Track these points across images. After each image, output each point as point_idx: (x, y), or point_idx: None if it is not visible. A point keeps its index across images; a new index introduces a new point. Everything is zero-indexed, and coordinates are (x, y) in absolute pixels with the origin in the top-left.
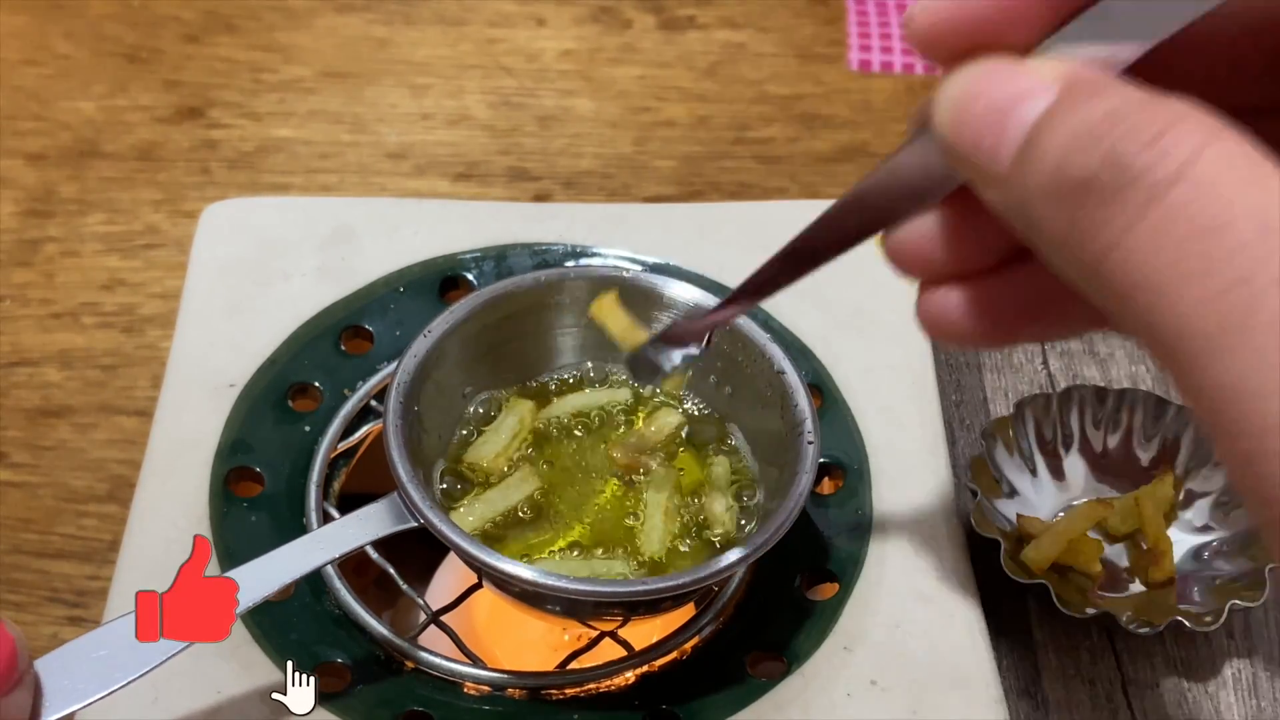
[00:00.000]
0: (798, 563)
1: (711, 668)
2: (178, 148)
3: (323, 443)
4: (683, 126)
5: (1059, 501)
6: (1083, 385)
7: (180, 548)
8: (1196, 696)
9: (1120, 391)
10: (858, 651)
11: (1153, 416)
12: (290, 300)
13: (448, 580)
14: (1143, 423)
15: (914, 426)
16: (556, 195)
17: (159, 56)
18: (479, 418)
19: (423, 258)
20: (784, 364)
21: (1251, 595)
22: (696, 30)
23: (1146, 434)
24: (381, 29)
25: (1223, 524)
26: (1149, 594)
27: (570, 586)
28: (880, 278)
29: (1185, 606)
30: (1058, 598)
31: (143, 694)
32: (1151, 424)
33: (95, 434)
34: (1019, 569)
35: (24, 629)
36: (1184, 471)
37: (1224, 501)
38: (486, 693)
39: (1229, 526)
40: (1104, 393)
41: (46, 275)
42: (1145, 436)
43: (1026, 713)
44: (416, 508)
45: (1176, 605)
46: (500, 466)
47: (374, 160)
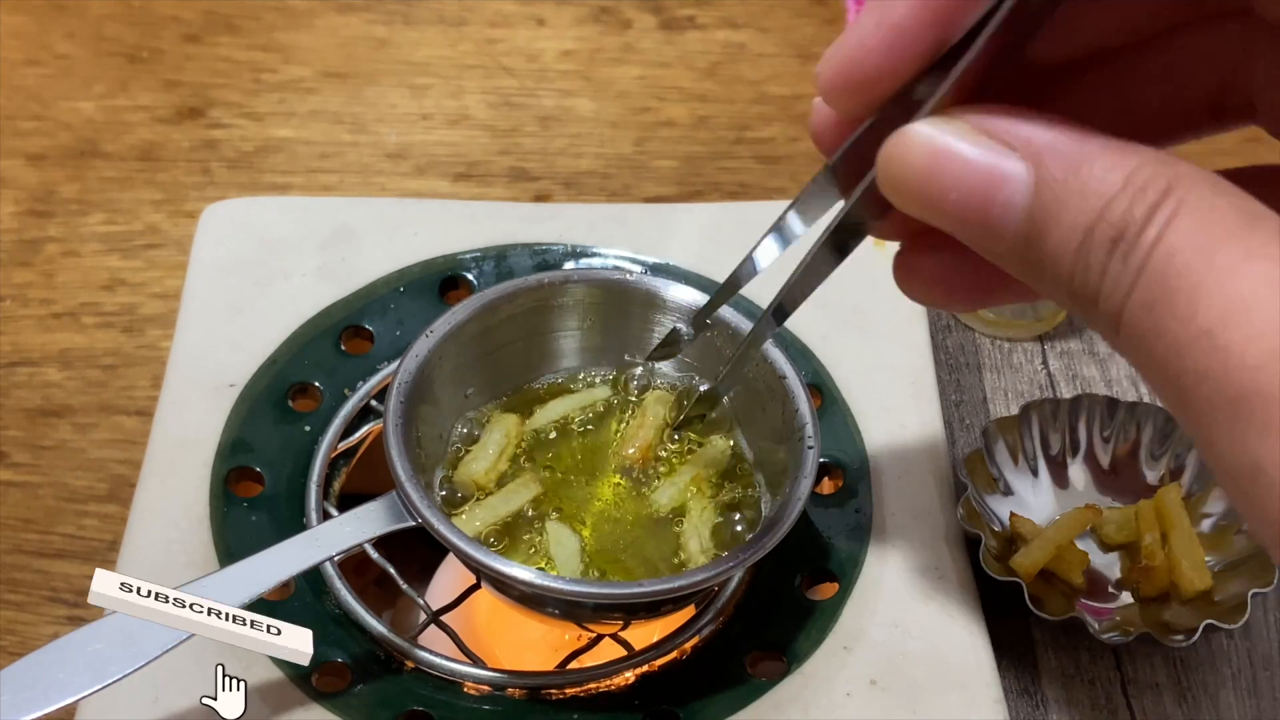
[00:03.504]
0: (798, 563)
1: (711, 668)
2: (178, 148)
3: (323, 443)
4: (683, 127)
5: (1057, 506)
6: (1094, 395)
7: (180, 548)
8: (1196, 696)
9: (1131, 405)
10: (858, 651)
11: (1161, 434)
12: (290, 300)
13: (448, 580)
14: (1151, 439)
15: (914, 426)
16: (556, 195)
17: (159, 56)
18: (465, 437)
19: (423, 258)
20: (785, 368)
21: (1232, 617)
22: (696, 30)
23: (1154, 451)
24: (381, 29)
25: (1219, 547)
26: (1137, 607)
27: (568, 589)
28: (880, 278)
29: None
30: (1032, 599)
31: (143, 693)
32: (1160, 441)
33: (95, 434)
34: (1000, 567)
35: (24, 629)
36: (1188, 493)
37: (1224, 525)
38: (486, 692)
39: (1226, 550)
40: (1115, 405)
41: (47, 275)
42: (1152, 454)
43: (1026, 713)
44: (415, 507)
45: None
46: (491, 482)
47: (374, 160)
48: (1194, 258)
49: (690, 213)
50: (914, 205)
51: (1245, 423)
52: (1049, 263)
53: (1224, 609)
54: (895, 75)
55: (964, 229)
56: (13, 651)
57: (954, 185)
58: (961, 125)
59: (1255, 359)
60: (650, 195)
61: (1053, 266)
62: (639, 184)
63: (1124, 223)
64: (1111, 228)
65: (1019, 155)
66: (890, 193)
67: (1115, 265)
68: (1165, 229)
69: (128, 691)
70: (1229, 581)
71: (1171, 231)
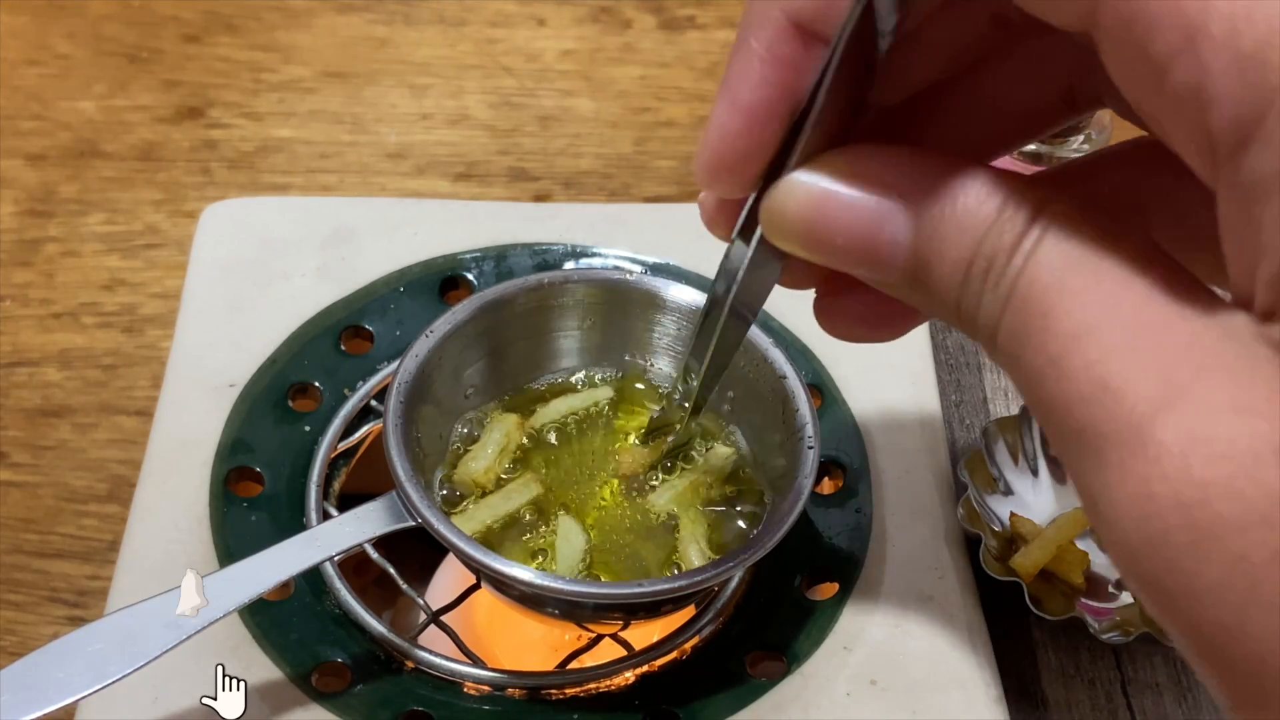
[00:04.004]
0: (798, 563)
1: (711, 668)
2: (178, 148)
3: (323, 443)
4: (683, 126)
5: (1057, 506)
6: None
7: (180, 548)
8: (1196, 696)
9: None
10: (858, 651)
11: None
12: (290, 300)
13: (448, 580)
14: None
15: (914, 426)
16: (556, 195)
17: (159, 56)
18: (465, 437)
19: (423, 258)
20: (786, 369)
21: None
22: (696, 30)
23: None
24: (381, 29)
25: None
26: (1137, 607)
27: (568, 589)
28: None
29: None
30: (1033, 599)
31: (142, 693)
32: None
33: (95, 434)
34: (1000, 567)
35: (24, 629)
36: None
37: None
38: (486, 693)
39: None
40: None
41: (46, 275)
42: None
43: (1026, 713)
44: (415, 507)
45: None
46: (490, 481)
47: (374, 160)
48: (1050, 284)
49: (690, 213)
50: (801, 249)
51: (1082, 456)
52: (935, 292)
53: None
54: (762, 148)
55: (854, 267)
56: (13, 651)
57: (839, 229)
58: (837, 166)
59: (1088, 391)
60: (650, 195)
61: (939, 295)
62: (639, 184)
63: (994, 251)
64: (984, 259)
65: (895, 195)
66: (778, 240)
67: (988, 294)
68: (1029, 258)
69: (128, 691)
70: None
71: (1034, 259)
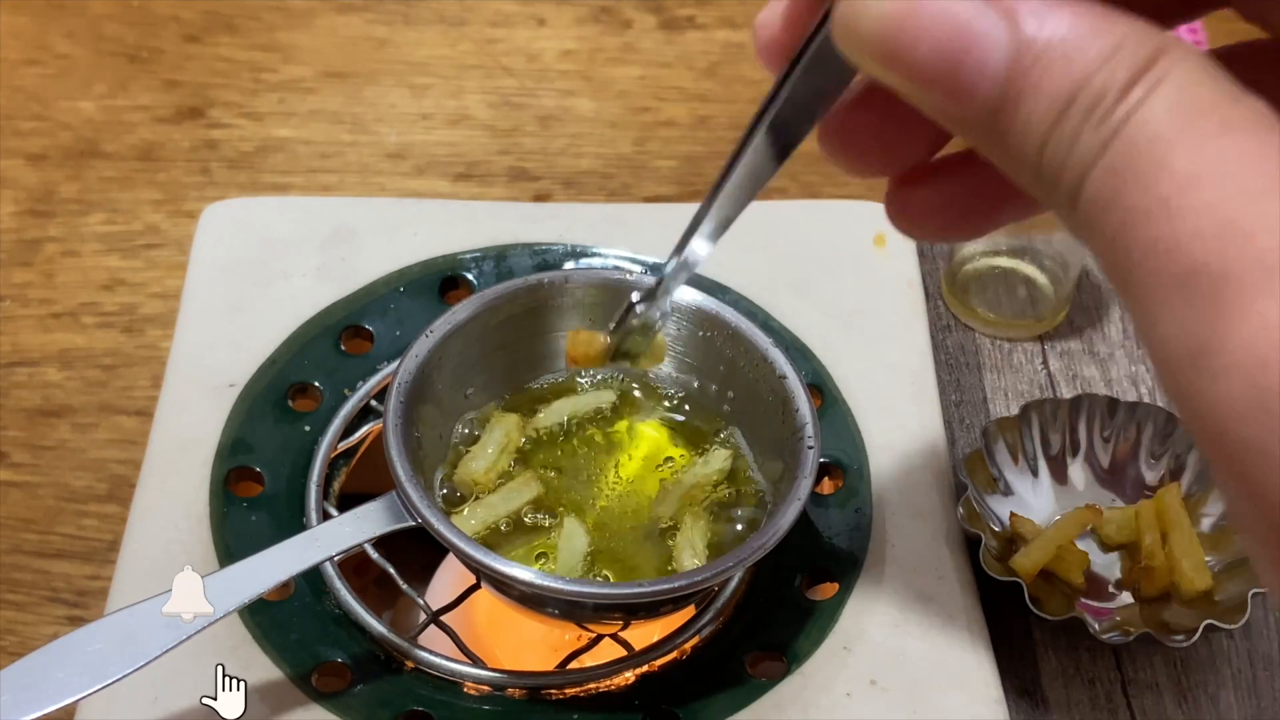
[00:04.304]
0: (798, 563)
1: (711, 668)
2: (178, 148)
3: (323, 443)
4: (683, 126)
5: (1057, 506)
6: (1094, 395)
7: (180, 548)
8: (1196, 696)
9: (1131, 405)
10: (858, 651)
11: (1161, 434)
12: (290, 300)
13: (448, 580)
14: (1151, 439)
15: (914, 426)
16: (556, 195)
17: (159, 56)
18: (466, 437)
19: (423, 258)
20: (785, 369)
21: (1232, 617)
22: (696, 30)
23: (1154, 451)
24: (381, 29)
25: (1219, 547)
26: (1137, 607)
27: (568, 589)
28: (880, 278)
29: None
30: (1033, 599)
31: (142, 693)
32: (1160, 441)
33: (95, 434)
34: (1000, 567)
35: (24, 629)
36: (1188, 493)
37: (1224, 525)
38: (486, 693)
39: (1226, 550)
40: (1115, 405)
41: (46, 275)
42: (1153, 454)
43: (1026, 713)
44: (414, 507)
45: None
46: (491, 480)
47: (374, 160)
48: (1168, 126)
49: (690, 213)
50: (876, 61)
51: (1189, 298)
52: (1019, 133)
53: (1224, 609)
54: None
55: (928, 91)
56: (13, 651)
57: (925, 36)
58: None
59: (1211, 228)
60: (650, 195)
61: (1022, 137)
62: (639, 184)
63: (1104, 89)
64: (1090, 95)
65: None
66: (849, 47)
67: (1088, 132)
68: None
69: (127, 691)
70: (1229, 581)
71: (1150, 101)
